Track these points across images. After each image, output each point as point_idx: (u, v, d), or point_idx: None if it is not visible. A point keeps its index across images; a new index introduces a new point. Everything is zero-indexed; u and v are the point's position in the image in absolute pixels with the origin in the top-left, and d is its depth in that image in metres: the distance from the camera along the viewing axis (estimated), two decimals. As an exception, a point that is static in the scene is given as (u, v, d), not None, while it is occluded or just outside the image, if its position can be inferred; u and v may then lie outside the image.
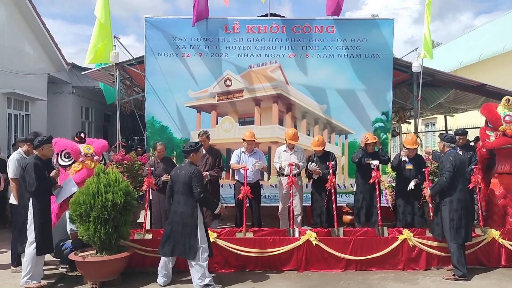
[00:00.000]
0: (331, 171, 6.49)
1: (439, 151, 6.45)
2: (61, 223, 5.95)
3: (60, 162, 6.04)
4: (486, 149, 6.80)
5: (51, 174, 5.45)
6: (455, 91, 9.04)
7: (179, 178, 5.24)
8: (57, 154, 6.03)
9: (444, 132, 12.35)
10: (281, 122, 8.03)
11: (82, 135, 6.41)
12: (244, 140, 7.02)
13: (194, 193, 5.12)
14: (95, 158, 6.16)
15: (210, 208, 5.62)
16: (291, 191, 6.42)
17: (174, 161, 7.43)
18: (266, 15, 8.29)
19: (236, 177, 7.18)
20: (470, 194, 6.00)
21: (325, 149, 7.04)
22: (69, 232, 5.92)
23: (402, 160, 6.85)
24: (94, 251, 5.36)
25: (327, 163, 6.65)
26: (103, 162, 6.33)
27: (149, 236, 6.05)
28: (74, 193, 5.47)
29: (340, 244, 5.84)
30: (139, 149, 10.94)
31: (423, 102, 9.09)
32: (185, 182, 5.16)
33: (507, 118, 6.53)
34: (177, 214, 5.20)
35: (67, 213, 5.73)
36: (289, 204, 6.51)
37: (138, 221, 8.05)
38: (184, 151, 5.42)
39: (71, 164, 6.04)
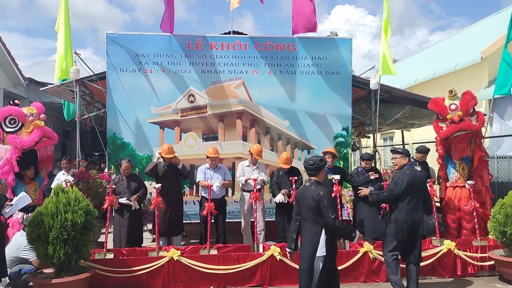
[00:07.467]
0: (294, 186, 6.60)
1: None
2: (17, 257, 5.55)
3: (6, 129, 5.97)
4: (441, 139, 7.07)
5: None
6: (410, 107, 9.39)
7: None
8: (0, 124, 5.95)
9: (401, 146, 12.78)
10: (245, 138, 8.09)
11: (17, 101, 6.43)
12: (207, 157, 7.04)
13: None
14: (42, 116, 6.30)
15: (348, 238, 4.45)
16: (255, 207, 6.45)
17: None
18: (229, 33, 8.40)
19: (202, 193, 7.17)
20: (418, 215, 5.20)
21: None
22: (30, 261, 5.51)
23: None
24: (53, 272, 5.16)
25: (290, 178, 6.76)
26: None
27: (110, 256, 5.90)
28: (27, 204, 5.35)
29: (304, 258, 5.90)
30: (102, 164, 10.70)
31: (381, 118, 9.41)
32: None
33: (452, 106, 6.96)
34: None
35: (22, 243, 5.47)
36: (253, 220, 6.54)
37: (99, 240, 7.84)
38: (310, 169, 4.34)
39: (19, 128, 5.98)
